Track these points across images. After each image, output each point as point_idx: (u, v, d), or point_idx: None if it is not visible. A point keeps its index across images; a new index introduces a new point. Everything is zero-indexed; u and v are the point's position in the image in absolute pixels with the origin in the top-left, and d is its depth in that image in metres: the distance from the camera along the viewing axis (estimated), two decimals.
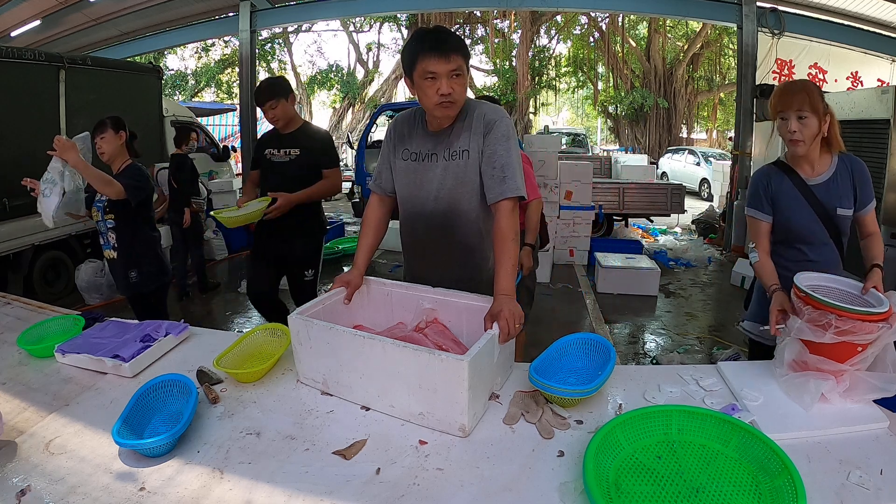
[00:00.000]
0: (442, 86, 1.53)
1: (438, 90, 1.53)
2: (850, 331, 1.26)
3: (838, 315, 1.28)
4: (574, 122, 28.36)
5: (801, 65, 7.48)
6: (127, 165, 2.59)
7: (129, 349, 1.60)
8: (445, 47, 1.51)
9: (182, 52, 19.81)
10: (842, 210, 1.76)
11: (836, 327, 1.27)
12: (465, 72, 1.57)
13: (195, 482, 1.10)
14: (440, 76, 1.53)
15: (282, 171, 2.78)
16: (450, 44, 1.52)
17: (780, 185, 1.83)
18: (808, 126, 1.70)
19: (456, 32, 1.62)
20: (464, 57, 1.55)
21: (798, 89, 1.71)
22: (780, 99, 1.74)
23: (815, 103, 1.69)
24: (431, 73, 1.52)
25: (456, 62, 1.52)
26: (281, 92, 2.71)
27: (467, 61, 1.58)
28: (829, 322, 1.28)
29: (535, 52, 20.64)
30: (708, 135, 23.32)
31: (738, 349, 3.79)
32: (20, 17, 7.60)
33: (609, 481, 1.02)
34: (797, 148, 1.74)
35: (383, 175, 1.83)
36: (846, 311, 1.29)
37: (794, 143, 1.73)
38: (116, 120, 2.60)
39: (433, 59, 1.51)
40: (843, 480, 1.05)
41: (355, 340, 1.33)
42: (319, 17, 9.46)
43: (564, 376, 1.45)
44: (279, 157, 2.78)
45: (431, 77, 1.53)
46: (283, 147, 2.78)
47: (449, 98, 1.55)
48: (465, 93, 1.59)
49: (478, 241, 1.75)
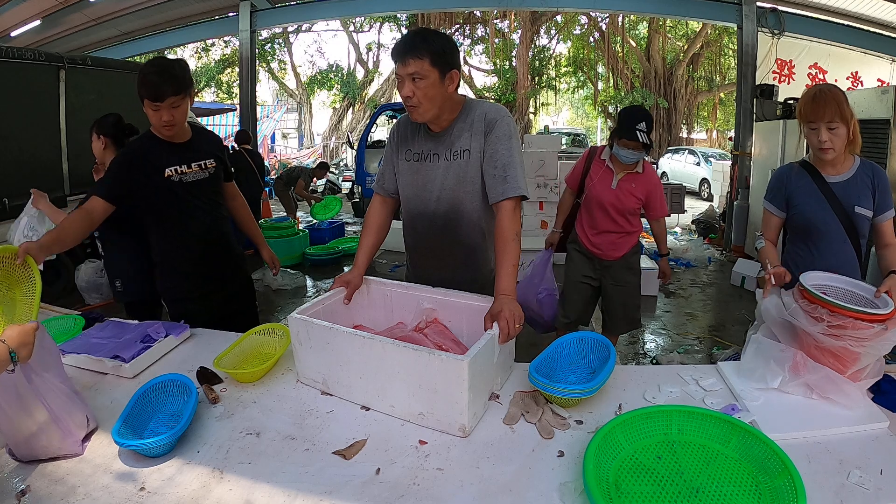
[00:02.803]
0: (404, 88, 1.55)
1: (402, 92, 1.56)
2: (841, 326, 1.27)
3: (830, 311, 1.29)
4: (574, 122, 28.34)
5: (801, 65, 7.48)
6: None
7: (130, 350, 1.60)
8: (403, 51, 1.52)
9: (182, 51, 19.76)
10: (860, 209, 1.78)
11: (828, 322, 1.28)
12: (431, 76, 1.52)
13: (195, 482, 1.10)
14: (403, 79, 1.55)
15: (201, 190, 2.04)
16: (410, 48, 1.51)
17: (798, 182, 1.87)
18: (838, 136, 1.72)
19: (440, 34, 1.59)
20: (430, 60, 1.51)
21: (829, 100, 1.70)
22: (810, 108, 1.74)
23: (845, 113, 1.70)
24: (398, 75, 1.56)
25: (414, 66, 1.51)
26: (185, 83, 1.88)
27: (439, 64, 1.53)
28: (821, 316, 1.29)
29: (535, 52, 20.62)
30: (708, 135, 23.30)
31: (739, 349, 3.78)
32: (20, 17, 7.60)
33: (609, 481, 1.02)
34: (826, 155, 1.76)
35: (386, 176, 1.83)
36: (840, 307, 1.28)
37: (824, 151, 1.75)
38: (99, 123, 2.57)
39: (395, 62, 1.55)
40: (843, 480, 1.05)
41: (355, 340, 1.33)
42: (319, 17, 9.47)
43: (564, 376, 1.45)
44: (193, 175, 2.00)
45: (399, 79, 1.56)
46: (192, 160, 2.00)
47: (409, 101, 1.55)
48: (427, 97, 1.55)
49: (480, 241, 1.75)
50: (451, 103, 1.63)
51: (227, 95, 20.15)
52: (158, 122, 1.88)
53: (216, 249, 2.11)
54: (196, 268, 2.05)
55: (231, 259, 2.19)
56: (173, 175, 1.94)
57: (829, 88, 1.75)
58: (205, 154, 2.04)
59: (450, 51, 1.57)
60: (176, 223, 2.01)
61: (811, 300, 1.34)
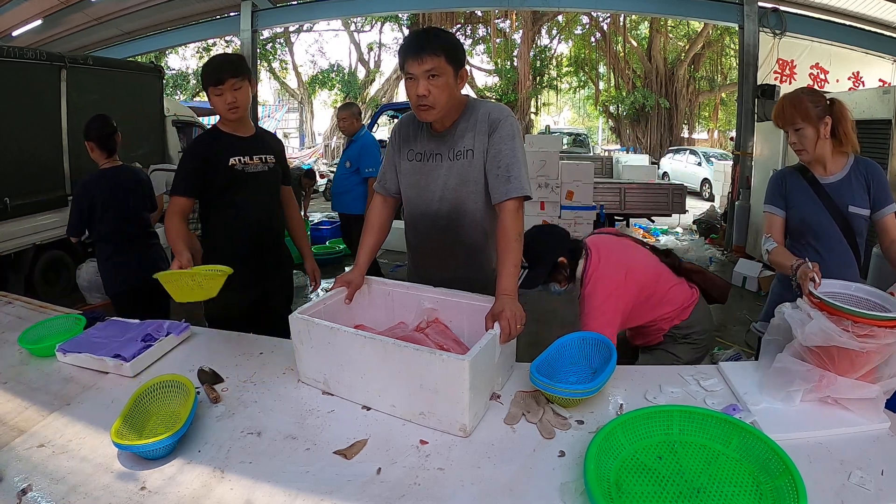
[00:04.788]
0: (419, 87, 1.52)
1: (416, 91, 1.52)
2: (869, 336, 1.21)
3: (854, 321, 1.25)
4: (575, 122, 28.32)
5: (802, 65, 7.48)
6: None
7: (131, 349, 1.60)
8: (419, 48, 1.49)
9: (183, 51, 19.83)
10: (854, 208, 1.80)
11: (854, 333, 1.23)
12: (447, 73, 1.52)
13: (196, 482, 1.10)
14: (417, 77, 1.52)
15: (259, 183, 2.11)
16: (425, 44, 1.50)
17: (794, 184, 1.91)
18: (804, 136, 1.80)
19: (449, 31, 1.57)
20: (446, 57, 1.51)
21: (786, 104, 1.83)
22: (777, 117, 1.87)
23: (805, 113, 1.77)
24: (410, 74, 1.53)
25: (431, 62, 1.49)
26: (244, 68, 2.00)
27: (454, 61, 1.53)
28: (846, 328, 1.25)
29: (537, 52, 20.64)
30: (709, 135, 23.29)
31: (739, 349, 3.78)
32: (22, 17, 7.61)
33: (610, 481, 1.02)
34: (802, 156, 1.86)
35: (387, 176, 1.83)
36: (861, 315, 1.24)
37: (799, 153, 1.85)
38: (85, 128, 2.59)
39: (409, 60, 1.51)
40: (844, 481, 1.05)
41: (356, 340, 1.33)
42: (320, 17, 9.48)
43: (565, 376, 1.45)
44: (255, 167, 2.09)
45: (411, 78, 1.53)
46: (254, 153, 2.09)
47: (424, 101, 1.53)
48: (444, 95, 1.54)
49: (483, 241, 1.75)
50: (455, 103, 1.62)
51: None
52: (223, 106, 1.97)
53: (265, 244, 2.16)
54: (242, 257, 2.04)
55: (277, 257, 2.24)
56: (237, 164, 2.04)
57: (791, 95, 1.86)
58: (266, 149, 2.13)
59: (461, 49, 1.58)
60: (232, 210, 2.07)
61: (831, 312, 1.28)
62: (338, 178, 4.61)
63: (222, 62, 1.98)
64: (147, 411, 1.31)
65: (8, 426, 1.30)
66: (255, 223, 2.11)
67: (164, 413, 1.32)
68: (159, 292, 1.65)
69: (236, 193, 2.05)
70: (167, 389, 1.36)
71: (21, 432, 1.28)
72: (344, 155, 4.52)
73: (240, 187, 2.05)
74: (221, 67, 1.95)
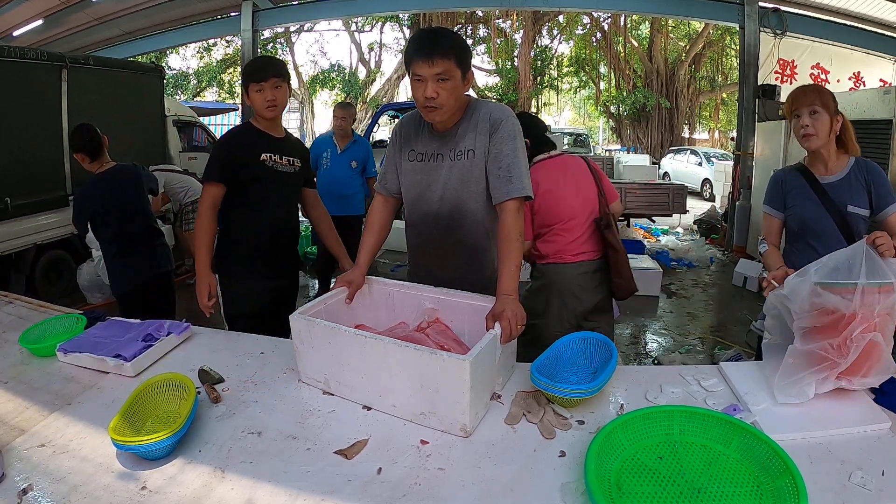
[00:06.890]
0: (427, 89, 1.52)
1: (424, 93, 1.52)
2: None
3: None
4: (576, 122, 28.33)
5: (803, 65, 7.48)
6: None
7: (131, 348, 1.60)
8: (430, 50, 1.49)
9: (184, 51, 19.82)
10: (853, 208, 1.80)
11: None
12: (456, 75, 1.53)
13: (196, 482, 1.10)
14: (425, 79, 1.51)
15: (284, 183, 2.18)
16: (436, 46, 1.50)
17: (793, 183, 1.91)
18: (819, 121, 1.78)
19: (457, 33, 1.58)
20: (455, 60, 1.51)
21: (810, 89, 1.83)
22: (793, 98, 1.84)
23: (826, 101, 1.78)
24: (418, 75, 1.52)
25: (441, 66, 1.49)
26: (285, 71, 2.10)
27: (462, 64, 1.54)
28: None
29: (538, 52, 20.63)
30: (710, 135, 23.29)
31: (740, 349, 3.78)
32: (22, 17, 7.62)
33: (610, 482, 1.02)
34: (810, 142, 1.80)
35: (388, 176, 1.83)
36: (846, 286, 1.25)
37: (807, 137, 1.80)
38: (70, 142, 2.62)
39: (419, 62, 1.51)
40: (845, 481, 1.05)
41: (357, 340, 1.33)
42: (321, 17, 9.49)
43: (566, 376, 1.45)
44: (283, 167, 2.15)
45: (418, 79, 1.53)
46: (283, 154, 2.15)
47: (432, 102, 1.53)
48: (452, 97, 1.55)
49: (484, 241, 1.75)
50: (460, 104, 1.63)
51: (228, 95, 20.17)
52: (262, 103, 2.04)
53: (282, 242, 2.23)
54: (259, 252, 2.13)
55: (292, 258, 2.32)
56: (267, 160, 2.10)
57: (814, 84, 1.87)
58: (294, 153, 2.20)
59: (469, 52, 1.59)
60: (256, 204, 2.12)
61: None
62: (342, 179, 4.40)
63: (268, 60, 2.11)
64: (146, 409, 1.31)
65: (9, 426, 1.30)
66: (275, 221, 2.17)
67: (163, 412, 1.32)
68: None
69: (261, 189, 2.11)
70: (167, 388, 1.36)
71: (22, 432, 1.28)
72: (345, 155, 4.48)
73: (266, 183, 2.11)
74: (267, 64, 2.06)
